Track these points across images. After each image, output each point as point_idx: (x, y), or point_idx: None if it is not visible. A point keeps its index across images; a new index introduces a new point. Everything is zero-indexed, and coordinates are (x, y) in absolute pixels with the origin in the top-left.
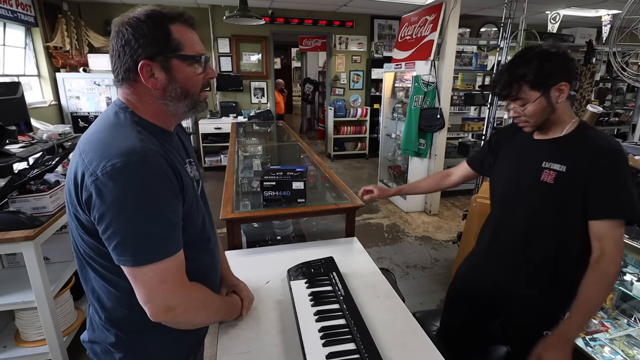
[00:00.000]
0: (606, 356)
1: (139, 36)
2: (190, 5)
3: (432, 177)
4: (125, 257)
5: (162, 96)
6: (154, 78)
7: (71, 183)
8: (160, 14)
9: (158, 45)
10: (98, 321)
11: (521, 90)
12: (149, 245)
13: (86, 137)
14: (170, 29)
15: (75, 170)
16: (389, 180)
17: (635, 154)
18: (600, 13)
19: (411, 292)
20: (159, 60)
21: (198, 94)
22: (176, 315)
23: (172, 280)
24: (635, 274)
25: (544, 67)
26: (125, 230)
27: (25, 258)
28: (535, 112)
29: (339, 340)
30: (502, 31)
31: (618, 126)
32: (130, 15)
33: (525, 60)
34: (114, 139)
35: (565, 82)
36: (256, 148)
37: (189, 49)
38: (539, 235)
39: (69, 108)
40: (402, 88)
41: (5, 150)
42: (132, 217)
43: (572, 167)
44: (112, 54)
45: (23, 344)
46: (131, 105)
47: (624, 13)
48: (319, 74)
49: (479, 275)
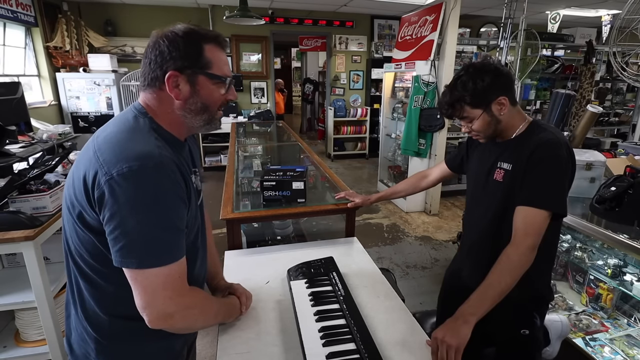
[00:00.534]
0: (606, 356)
1: (173, 49)
2: (190, 5)
3: (410, 180)
4: (130, 259)
5: (183, 107)
6: (178, 89)
7: (79, 181)
8: (197, 33)
9: (189, 60)
10: (79, 325)
11: (463, 110)
12: (156, 248)
13: (103, 136)
14: (203, 48)
15: (87, 168)
16: (389, 180)
17: (635, 154)
18: (600, 13)
19: (411, 292)
20: (186, 74)
21: (215, 111)
22: (175, 322)
23: (173, 286)
24: (635, 274)
25: (478, 87)
26: (135, 232)
27: (25, 258)
28: (482, 126)
29: (339, 340)
30: (502, 31)
31: (618, 126)
32: (170, 29)
33: (461, 83)
34: (132, 142)
35: (503, 95)
36: (256, 148)
37: (217, 68)
38: (497, 232)
39: (69, 108)
40: (402, 88)
41: (5, 150)
42: (143, 219)
43: (516, 164)
44: (144, 61)
45: (23, 344)
46: (151, 111)
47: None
48: (319, 74)
49: (459, 276)
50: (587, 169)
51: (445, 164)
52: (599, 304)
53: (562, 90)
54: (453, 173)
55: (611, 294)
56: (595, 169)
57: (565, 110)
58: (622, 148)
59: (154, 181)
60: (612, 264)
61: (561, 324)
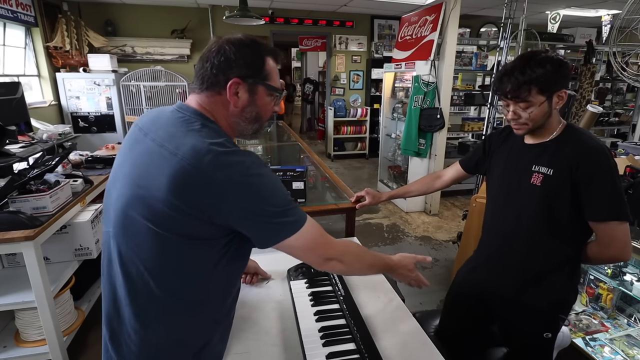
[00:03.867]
0: (606, 356)
1: (240, 56)
2: (190, 5)
3: (423, 180)
4: (281, 233)
5: (239, 114)
6: (237, 96)
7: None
8: (261, 45)
9: (253, 69)
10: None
11: (530, 93)
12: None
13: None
14: (266, 60)
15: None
16: (389, 180)
17: (635, 154)
18: (600, 13)
19: (411, 292)
20: (248, 82)
21: (265, 121)
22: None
23: (322, 232)
24: (635, 274)
25: (555, 72)
26: (281, 205)
27: (25, 258)
28: (537, 115)
29: (339, 340)
30: (502, 31)
31: (618, 126)
32: (235, 37)
33: (538, 63)
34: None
35: (565, 89)
36: (256, 148)
37: (274, 81)
38: (527, 237)
39: (69, 108)
40: (402, 88)
41: (5, 150)
42: (281, 193)
43: (557, 169)
44: (204, 65)
45: (23, 344)
46: (210, 115)
47: (624, 13)
48: (319, 74)
49: (475, 279)
50: None
51: (460, 165)
52: (599, 304)
53: None
54: (468, 174)
55: (611, 294)
56: None
57: (565, 110)
58: (622, 148)
59: (266, 168)
60: (612, 264)
61: (562, 335)
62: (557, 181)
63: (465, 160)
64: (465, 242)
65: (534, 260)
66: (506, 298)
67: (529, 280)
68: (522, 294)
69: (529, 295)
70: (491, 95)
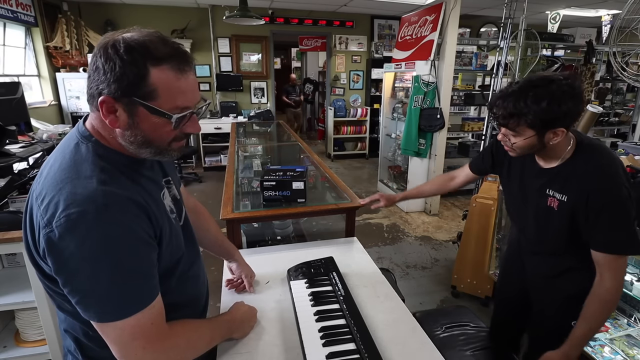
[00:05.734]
0: (606, 356)
1: (108, 69)
2: (190, 5)
3: (436, 181)
4: (89, 314)
5: (122, 136)
6: (114, 115)
7: (28, 229)
8: (145, 51)
9: (126, 85)
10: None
11: (519, 124)
12: (113, 302)
13: (45, 175)
14: (149, 72)
15: (31, 214)
16: (389, 180)
17: (635, 154)
18: (600, 13)
19: (411, 292)
20: (123, 102)
21: (166, 146)
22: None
23: (145, 335)
24: (635, 274)
25: (551, 111)
26: (85, 289)
27: (25, 258)
28: (521, 147)
29: (339, 340)
30: (502, 31)
31: (618, 126)
32: (115, 40)
33: (535, 97)
34: (71, 181)
35: (563, 127)
36: (256, 148)
37: (165, 100)
38: (550, 245)
39: (69, 108)
40: (402, 88)
41: (5, 150)
42: (92, 274)
43: (572, 197)
44: (88, 71)
45: (23, 344)
46: (95, 133)
47: (624, 13)
48: (319, 74)
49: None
50: None
51: (469, 169)
52: None
53: None
54: (478, 176)
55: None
56: None
57: None
58: (622, 148)
59: (99, 228)
60: None
61: None
62: (573, 208)
63: (474, 164)
64: (465, 242)
65: (560, 260)
66: (542, 281)
67: (559, 269)
68: (556, 279)
69: (562, 280)
70: (490, 96)
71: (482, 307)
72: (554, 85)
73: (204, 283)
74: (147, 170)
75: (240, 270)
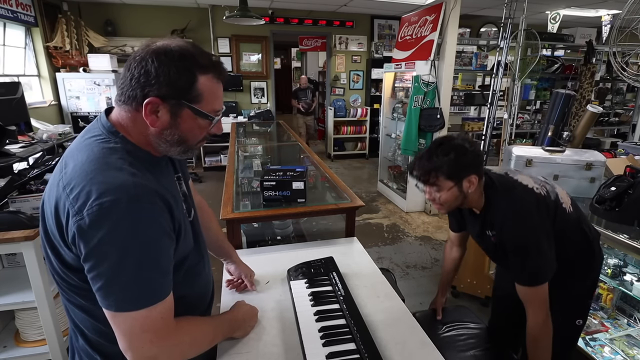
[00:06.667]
0: (606, 356)
1: (161, 72)
2: (190, 5)
3: (448, 258)
4: (107, 301)
5: (158, 135)
6: (156, 115)
7: (52, 218)
8: (194, 60)
9: (177, 89)
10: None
11: (438, 178)
12: (133, 291)
13: (72, 166)
14: (197, 79)
15: (57, 204)
16: (389, 180)
17: (635, 154)
18: (600, 13)
19: (411, 292)
20: (170, 103)
21: (194, 145)
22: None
23: (155, 329)
24: (635, 274)
25: (460, 161)
26: (110, 275)
27: (25, 258)
28: (448, 199)
29: (339, 340)
30: (502, 31)
31: (618, 126)
32: (164, 45)
33: (443, 151)
34: (102, 172)
35: (475, 174)
36: (256, 148)
37: (206, 104)
38: None
39: (69, 108)
40: (402, 88)
41: (5, 150)
42: (119, 261)
43: (496, 236)
44: (125, 74)
45: (23, 344)
46: (122, 129)
47: (624, 13)
48: (319, 74)
49: None
50: (587, 169)
51: (452, 231)
52: (599, 304)
53: (562, 90)
54: (464, 232)
55: (611, 294)
56: (595, 169)
57: (565, 110)
58: (622, 148)
59: (130, 217)
60: (612, 264)
61: None
62: (501, 245)
63: (451, 225)
64: None
65: None
66: None
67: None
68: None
69: (558, 283)
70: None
71: (482, 307)
72: (455, 140)
73: (210, 280)
74: (164, 167)
75: (239, 270)
